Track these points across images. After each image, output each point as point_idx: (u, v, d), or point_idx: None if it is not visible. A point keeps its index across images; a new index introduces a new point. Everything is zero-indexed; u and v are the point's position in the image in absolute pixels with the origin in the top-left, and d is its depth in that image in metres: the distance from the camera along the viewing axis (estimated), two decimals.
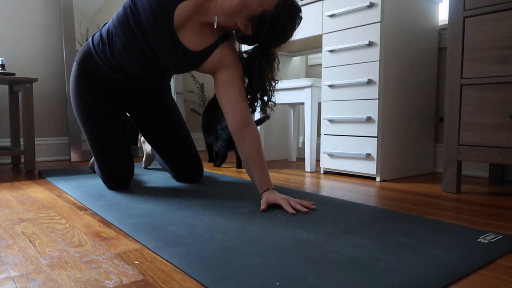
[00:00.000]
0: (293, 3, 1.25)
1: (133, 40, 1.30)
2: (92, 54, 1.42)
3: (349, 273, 0.72)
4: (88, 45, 1.44)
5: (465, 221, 1.10)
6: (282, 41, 1.30)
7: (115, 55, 1.36)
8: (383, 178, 1.81)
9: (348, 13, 1.86)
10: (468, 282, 0.70)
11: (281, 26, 1.24)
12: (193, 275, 0.71)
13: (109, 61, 1.38)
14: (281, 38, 1.28)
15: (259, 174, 1.26)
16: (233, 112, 1.29)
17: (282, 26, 1.24)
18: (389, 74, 1.78)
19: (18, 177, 1.89)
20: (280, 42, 1.29)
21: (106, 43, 1.36)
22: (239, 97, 1.30)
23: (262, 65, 1.32)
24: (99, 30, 1.43)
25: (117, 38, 1.32)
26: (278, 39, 1.28)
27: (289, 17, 1.24)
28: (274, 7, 1.21)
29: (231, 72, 1.32)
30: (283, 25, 1.24)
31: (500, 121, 1.38)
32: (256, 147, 1.27)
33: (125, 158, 1.51)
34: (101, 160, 1.49)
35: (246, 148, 1.27)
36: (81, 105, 1.46)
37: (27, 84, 2.11)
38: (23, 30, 2.50)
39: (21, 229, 1.02)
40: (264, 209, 1.17)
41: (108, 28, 1.37)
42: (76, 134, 2.58)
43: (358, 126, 1.84)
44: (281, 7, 1.22)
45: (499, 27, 1.38)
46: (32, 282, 0.69)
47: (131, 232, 0.98)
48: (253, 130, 1.29)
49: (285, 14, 1.22)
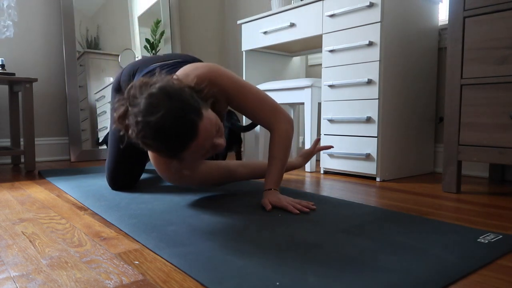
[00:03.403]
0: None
1: None
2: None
3: (349, 273, 0.72)
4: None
5: (465, 221, 1.10)
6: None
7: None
8: (383, 178, 1.80)
9: (348, 13, 1.85)
10: (468, 282, 0.70)
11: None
12: (193, 275, 0.71)
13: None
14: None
15: (269, 170, 1.28)
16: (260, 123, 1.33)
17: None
18: (389, 74, 1.78)
19: (18, 177, 1.89)
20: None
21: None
22: (253, 116, 1.32)
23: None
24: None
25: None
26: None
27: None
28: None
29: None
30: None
31: (500, 121, 1.38)
32: (274, 144, 1.29)
33: (131, 170, 1.55)
34: (109, 162, 1.54)
35: (269, 142, 1.31)
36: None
37: (27, 84, 2.11)
38: (23, 30, 2.50)
39: (21, 229, 1.02)
40: (271, 209, 1.18)
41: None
42: (76, 134, 2.58)
43: (358, 126, 1.84)
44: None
45: (499, 27, 1.38)
46: (32, 282, 0.69)
47: (131, 232, 0.98)
48: (278, 129, 1.30)
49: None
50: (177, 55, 1.52)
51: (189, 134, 1.00)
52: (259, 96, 1.29)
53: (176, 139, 0.99)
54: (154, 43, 2.93)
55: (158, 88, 1.01)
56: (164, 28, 3.02)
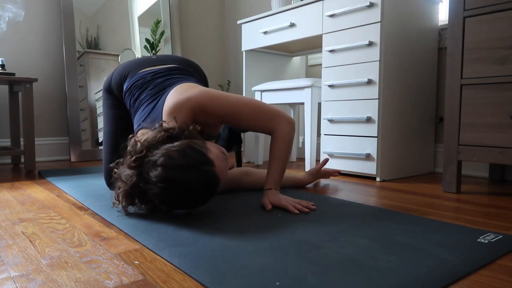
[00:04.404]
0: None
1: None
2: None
3: (349, 273, 0.72)
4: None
5: (465, 221, 1.10)
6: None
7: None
8: (383, 178, 1.80)
9: (348, 13, 1.85)
10: (468, 282, 0.70)
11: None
12: (193, 275, 0.71)
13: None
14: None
15: (270, 170, 1.29)
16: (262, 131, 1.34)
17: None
18: (389, 74, 1.78)
19: (18, 177, 1.89)
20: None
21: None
22: (252, 128, 1.32)
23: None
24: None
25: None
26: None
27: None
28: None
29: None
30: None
31: (500, 121, 1.38)
32: (275, 144, 1.29)
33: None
34: (104, 162, 1.54)
35: (270, 143, 1.32)
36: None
37: (27, 84, 2.11)
38: (23, 30, 2.50)
39: (21, 229, 1.02)
40: (271, 209, 1.18)
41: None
42: (76, 134, 2.58)
43: (358, 126, 1.84)
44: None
45: (499, 27, 1.38)
46: (32, 282, 0.69)
47: (131, 232, 0.98)
48: (279, 131, 1.29)
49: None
50: (170, 58, 1.51)
51: (213, 186, 1.07)
52: (253, 107, 1.27)
53: (203, 196, 1.08)
54: (154, 43, 2.93)
55: (165, 168, 1.02)
56: (164, 28, 3.02)
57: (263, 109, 1.29)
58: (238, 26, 3.28)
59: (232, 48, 3.36)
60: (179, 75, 1.42)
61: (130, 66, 1.49)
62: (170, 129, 1.11)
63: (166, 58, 1.51)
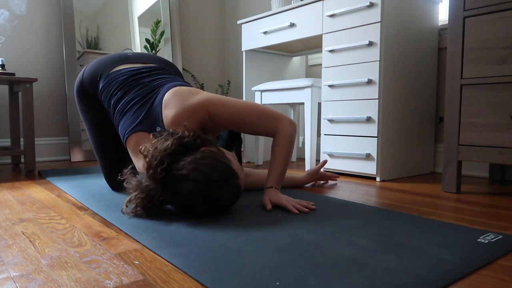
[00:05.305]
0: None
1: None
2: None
3: (349, 273, 0.72)
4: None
5: (465, 221, 1.10)
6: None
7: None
8: (383, 178, 1.80)
9: (348, 13, 1.85)
10: (468, 282, 0.70)
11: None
12: (193, 275, 0.71)
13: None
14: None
15: (271, 169, 1.29)
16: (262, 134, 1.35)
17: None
18: (389, 74, 1.78)
19: (18, 177, 1.89)
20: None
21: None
22: (256, 133, 1.33)
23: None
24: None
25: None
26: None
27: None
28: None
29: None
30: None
31: (500, 121, 1.38)
32: (276, 144, 1.30)
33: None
34: (100, 165, 1.53)
35: (272, 143, 1.33)
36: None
37: (27, 84, 2.11)
38: (23, 30, 2.50)
39: (21, 229, 1.02)
40: (271, 209, 1.19)
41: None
42: (76, 134, 2.58)
43: (358, 126, 1.84)
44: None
45: (499, 27, 1.38)
46: (32, 282, 0.69)
47: (131, 232, 0.98)
48: (280, 131, 1.30)
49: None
50: (147, 57, 1.46)
51: (238, 196, 1.13)
52: (257, 112, 1.28)
53: (229, 207, 1.13)
54: (154, 43, 2.94)
55: (199, 183, 1.03)
56: (164, 28, 3.02)
57: (265, 113, 1.29)
58: (238, 26, 3.28)
59: (232, 48, 3.36)
60: (163, 75, 1.38)
61: (104, 63, 1.41)
62: (183, 137, 1.10)
63: (143, 56, 1.46)
